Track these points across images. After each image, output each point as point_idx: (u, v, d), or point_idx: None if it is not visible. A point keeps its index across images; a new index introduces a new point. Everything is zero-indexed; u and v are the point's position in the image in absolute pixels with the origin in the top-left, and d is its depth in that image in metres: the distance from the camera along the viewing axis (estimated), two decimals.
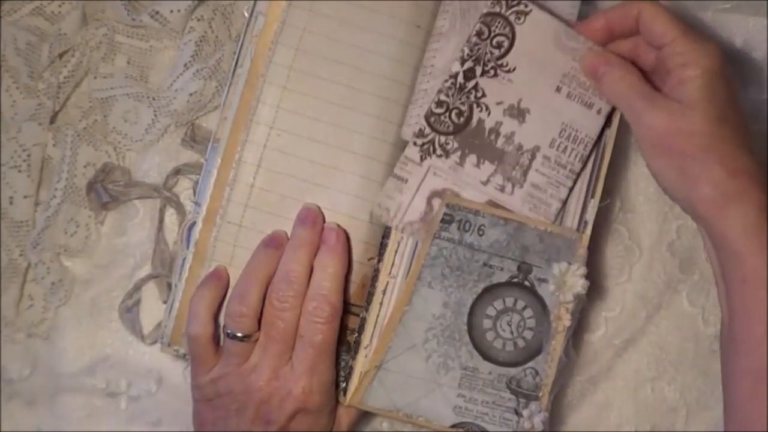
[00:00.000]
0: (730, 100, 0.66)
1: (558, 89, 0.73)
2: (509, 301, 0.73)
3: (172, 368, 0.82)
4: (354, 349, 0.73)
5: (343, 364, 0.73)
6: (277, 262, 0.70)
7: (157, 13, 0.79)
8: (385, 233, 0.73)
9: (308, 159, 0.72)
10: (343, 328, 0.72)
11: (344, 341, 0.72)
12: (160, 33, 0.82)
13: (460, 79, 0.72)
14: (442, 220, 0.72)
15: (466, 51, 0.72)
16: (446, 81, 0.72)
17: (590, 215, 0.74)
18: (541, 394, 0.74)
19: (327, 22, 0.72)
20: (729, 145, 0.64)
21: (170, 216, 0.81)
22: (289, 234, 0.72)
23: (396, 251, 0.73)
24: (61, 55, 0.81)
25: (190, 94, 0.79)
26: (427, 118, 0.72)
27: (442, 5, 0.73)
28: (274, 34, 0.72)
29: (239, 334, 0.69)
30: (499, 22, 0.72)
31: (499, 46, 0.72)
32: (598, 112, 0.73)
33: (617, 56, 0.71)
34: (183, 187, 0.82)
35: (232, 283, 0.71)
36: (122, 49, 0.82)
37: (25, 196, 0.79)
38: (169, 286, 0.79)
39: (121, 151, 0.82)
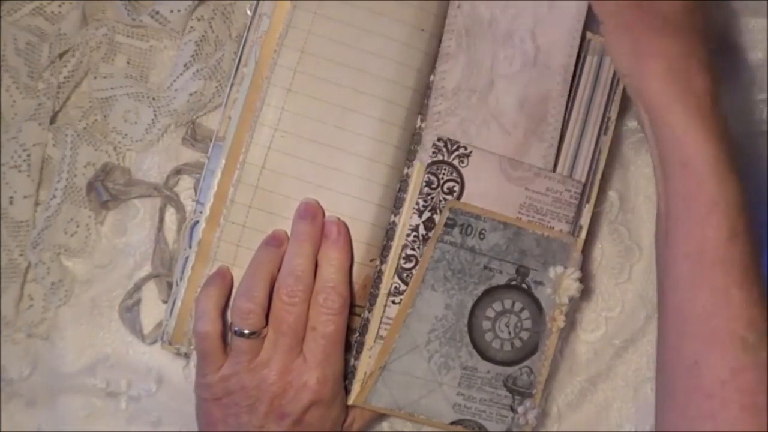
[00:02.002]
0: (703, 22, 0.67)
1: (518, 220, 0.74)
2: (507, 303, 0.75)
3: (172, 368, 0.82)
4: (357, 349, 0.73)
5: (344, 364, 0.73)
6: (279, 259, 0.71)
7: (157, 13, 0.79)
8: (388, 235, 0.73)
9: (312, 161, 0.72)
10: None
11: (346, 342, 0.72)
12: (160, 33, 0.82)
13: (422, 230, 0.73)
14: (446, 224, 0.72)
15: (421, 203, 0.73)
16: (408, 235, 0.73)
17: (585, 220, 0.76)
18: (534, 392, 0.76)
19: (331, 24, 0.72)
20: (693, 36, 0.65)
21: (170, 215, 0.81)
22: (289, 232, 0.72)
23: None
24: (61, 55, 0.80)
25: (190, 94, 0.79)
26: (399, 274, 0.73)
27: (447, 25, 0.73)
28: (279, 36, 0.71)
29: (247, 331, 0.69)
30: (445, 169, 0.73)
31: (450, 191, 0.73)
32: (560, 231, 0.75)
33: None
34: (183, 187, 0.82)
35: (236, 283, 0.72)
36: (122, 49, 0.82)
37: (25, 196, 0.78)
38: (169, 285, 0.79)
39: (121, 150, 0.82)
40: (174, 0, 0.79)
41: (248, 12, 0.76)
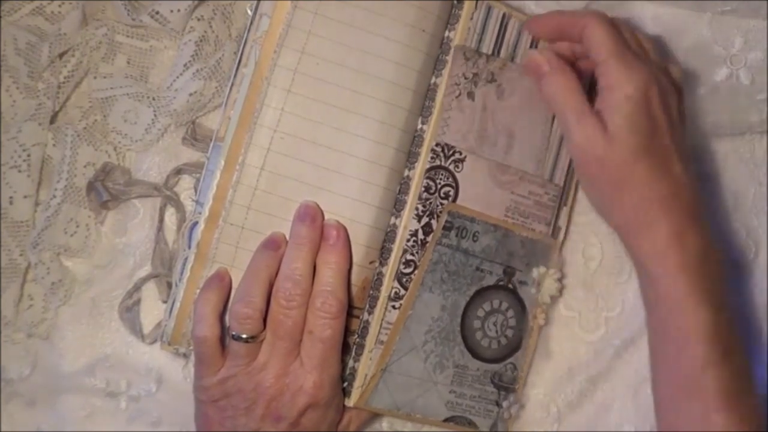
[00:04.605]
0: (654, 126, 0.68)
1: (506, 222, 0.76)
2: (496, 303, 0.77)
3: (172, 368, 0.82)
4: (356, 351, 0.73)
5: (343, 365, 0.73)
6: (277, 262, 0.71)
7: (157, 13, 0.79)
8: (387, 237, 0.73)
9: (311, 162, 0.72)
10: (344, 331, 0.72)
11: (345, 343, 0.72)
12: (160, 33, 0.82)
13: (420, 235, 0.73)
14: (444, 227, 0.73)
15: (420, 208, 0.73)
16: (408, 241, 0.73)
17: (563, 222, 0.79)
18: (517, 386, 0.79)
19: (332, 25, 0.71)
20: (645, 174, 0.67)
21: (170, 215, 0.81)
22: (287, 235, 0.72)
23: None
24: (61, 55, 0.80)
25: (190, 94, 0.78)
26: (399, 279, 0.73)
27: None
28: (279, 36, 0.71)
29: (245, 336, 0.69)
30: (442, 174, 0.74)
31: (446, 196, 0.74)
32: (540, 233, 0.77)
33: (560, 60, 0.72)
34: (183, 187, 0.82)
35: (234, 285, 0.72)
36: (122, 49, 0.82)
37: (25, 196, 0.78)
38: (169, 285, 0.80)
39: (121, 151, 0.82)
40: (174, 0, 0.78)
41: (248, 12, 0.76)
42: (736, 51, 0.81)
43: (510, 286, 0.77)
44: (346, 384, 0.73)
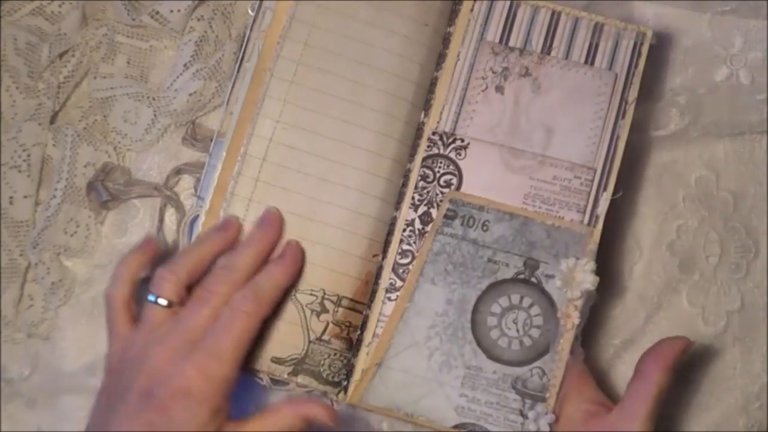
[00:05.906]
0: None
1: (525, 210, 0.73)
2: (515, 298, 0.72)
3: None
4: (356, 346, 0.73)
5: (345, 362, 0.72)
6: (221, 246, 0.70)
7: (157, 13, 0.79)
8: (389, 230, 0.73)
9: (314, 154, 0.72)
10: (346, 326, 0.72)
11: (347, 339, 0.72)
12: (160, 33, 0.82)
13: (418, 225, 0.72)
14: (445, 216, 0.72)
15: (416, 197, 0.72)
16: (404, 230, 0.72)
17: (602, 209, 0.73)
18: (548, 395, 0.72)
19: (335, 17, 0.72)
20: None
21: (170, 215, 0.81)
22: (288, 229, 0.72)
23: None
24: (61, 55, 0.81)
25: (190, 94, 0.79)
26: (395, 270, 0.72)
27: None
28: (283, 28, 0.72)
29: (153, 297, 0.67)
30: (441, 162, 0.73)
31: (448, 184, 0.72)
32: (571, 221, 0.73)
33: None
34: (183, 187, 0.81)
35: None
36: (122, 49, 0.82)
37: (25, 196, 0.78)
38: None
39: (121, 151, 0.82)
40: (174, 0, 0.79)
41: (249, 12, 0.76)
42: (736, 51, 0.82)
43: (533, 280, 0.72)
44: (345, 382, 0.72)
